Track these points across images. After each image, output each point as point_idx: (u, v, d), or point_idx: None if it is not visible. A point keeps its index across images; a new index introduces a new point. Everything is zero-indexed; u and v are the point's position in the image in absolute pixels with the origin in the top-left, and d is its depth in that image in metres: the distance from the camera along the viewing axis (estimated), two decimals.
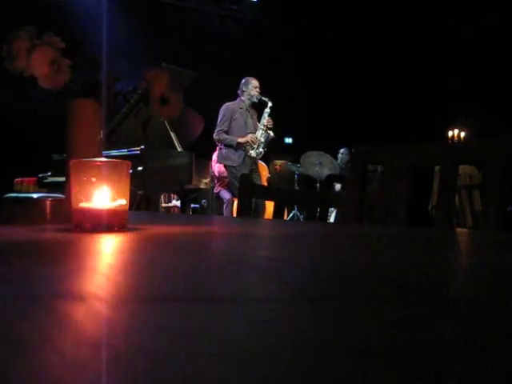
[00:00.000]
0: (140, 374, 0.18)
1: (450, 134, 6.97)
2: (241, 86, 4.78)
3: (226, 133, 4.66)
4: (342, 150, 6.71)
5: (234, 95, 4.84)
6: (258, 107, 4.85)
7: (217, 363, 0.19)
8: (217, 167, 5.18)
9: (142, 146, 3.99)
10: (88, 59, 1.02)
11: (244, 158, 4.64)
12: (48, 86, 0.97)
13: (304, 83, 7.80)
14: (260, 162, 5.19)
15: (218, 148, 4.80)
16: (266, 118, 4.77)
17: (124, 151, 4.02)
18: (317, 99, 7.78)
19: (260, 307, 0.31)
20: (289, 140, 8.54)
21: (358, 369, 0.19)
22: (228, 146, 4.64)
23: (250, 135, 4.66)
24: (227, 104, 4.74)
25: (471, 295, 0.37)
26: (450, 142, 6.44)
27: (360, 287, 0.38)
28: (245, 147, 4.62)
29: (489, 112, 6.38)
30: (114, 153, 3.93)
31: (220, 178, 5.31)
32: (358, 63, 7.60)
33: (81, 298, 0.32)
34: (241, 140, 4.62)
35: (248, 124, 4.70)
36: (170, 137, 4.35)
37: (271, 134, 4.77)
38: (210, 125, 4.77)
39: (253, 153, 4.66)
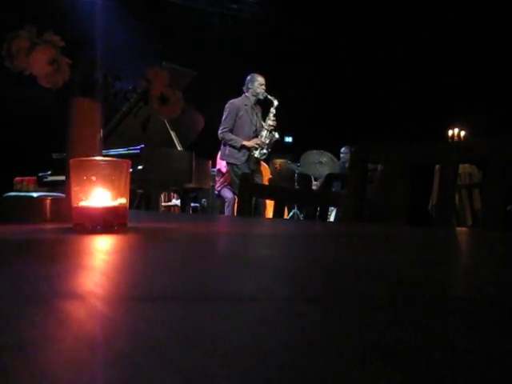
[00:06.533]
0: (140, 374, 0.18)
1: (450, 133, 6.97)
2: (246, 82, 4.73)
3: (231, 130, 4.63)
4: (343, 149, 6.70)
5: (234, 94, 4.82)
6: (264, 104, 4.82)
7: (217, 363, 0.19)
8: (223, 164, 5.15)
9: (142, 145, 3.99)
10: (88, 58, 1.02)
11: (248, 157, 4.62)
12: (48, 85, 0.97)
13: (304, 82, 7.80)
14: (263, 163, 5.17)
15: (222, 145, 4.78)
16: (271, 119, 4.74)
17: (124, 150, 4.02)
18: (317, 98, 7.78)
19: (260, 306, 0.31)
20: (289, 139, 8.53)
21: (358, 368, 0.19)
22: (232, 145, 4.62)
23: (255, 140, 4.63)
24: (232, 101, 4.71)
25: (470, 295, 0.37)
26: (450, 141, 6.44)
27: (360, 286, 0.38)
28: (249, 148, 4.61)
29: (489, 111, 6.38)
30: (114, 152, 3.92)
31: (224, 174, 5.29)
32: (358, 62, 7.60)
33: (80, 296, 0.32)
34: (246, 144, 4.60)
35: (253, 121, 4.68)
36: (170, 136, 4.35)
37: (276, 135, 4.75)
38: (210, 124, 4.76)
39: (257, 153, 4.64)
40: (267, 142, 4.69)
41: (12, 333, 0.23)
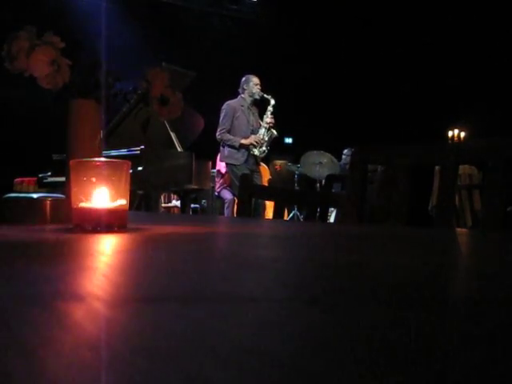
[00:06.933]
0: (140, 374, 0.18)
1: (450, 133, 6.97)
2: (241, 83, 4.75)
3: (229, 131, 4.64)
4: (345, 151, 6.68)
5: (234, 95, 4.83)
6: (260, 104, 4.83)
7: (217, 363, 0.19)
8: (223, 165, 5.15)
9: (142, 146, 3.98)
10: (88, 59, 1.02)
11: (247, 157, 4.63)
12: (48, 86, 0.97)
13: (304, 82, 7.80)
14: (262, 164, 5.17)
15: (221, 146, 4.78)
16: (269, 117, 4.74)
17: (124, 151, 4.01)
18: (317, 99, 7.78)
19: (260, 307, 0.31)
20: (289, 140, 8.53)
21: (358, 368, 0.19)
22: (231, 146, 4.63)
23: (253, 136, 4.63)
24: (228, 102, 4.72)
25: (470, 295, 0.37)
26: (449, 141, 6.44)
27: (360, 287, 0.38)
28: (248, 147, 4.62)
29: (489, 112, 6.38)
30: (114, 153, 3.92)
31: (224, 175, 5.29)
32: (358, 62, 7.60)
33: (80, 297, 0.32)
34: (244, 142, 4.60)
35: (250, 122, 4.68)
36: (170, 137, 4.35)
37: (274, 132, 4.74)
38: (210, 125, 4.76)
39: (256, 151, 4.64)
40: (266, 139, 4.70)
41: (12, 333, 0.23)
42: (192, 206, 5.70)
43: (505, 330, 0.26)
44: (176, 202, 6.18)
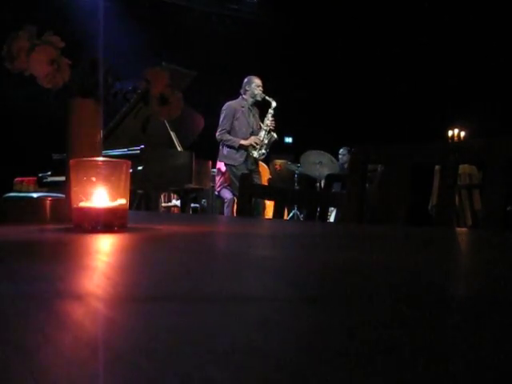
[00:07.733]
0: (140, 374, 0.18)
1: (450, 133, 6.97)
2: (243, 84, 4.74)
3: (229, 132, 4.64)
4: (341, 151, 6.69)
5: (234, 94, 4.82)
6: (261, 105, 4.82)
7: (217, 363, 0.19)
8: (223, 164, 5.15)
9: (142, 146, 3.98)
10: (88, 59, 1.02)
11: (246, 157, 4.63)
12: (48, 86, 0.97)
13: (304, 82, 7.80)
14: (261, 163, 5.16)
15: (220, 146, 4.79)
16: (269, 119, 4.73)
17: (124, 151, 4.01)
18: (317, 98, 7.78)
19: (260, 307, 0.30)
20: (289, 139, 8.53)
21: (358, 368, 0.19)
22: (230, 146, 4.64)
23: (253, 138, 4.63)
24: (229, 103, 4.72)
25: (470, 295, 0.37)
26: (449, 141, 6.44)
27: (360, 287, 0.38)
28: (247, 148, 4.62)
29: (489, 111, 6.38)
30: (114, 152, 3.92)
31: (224, 174, 5.29)
32: (358, 62, 7.60)
33: (80, 297, 0.32)
34: (243, 142, 4.60)
35: (250, 123, 4.68)
36: (170, 136, 4.35)
37: (274, 135, 4.74)
38: (210, 124, 4.76)
39: (255, 153, 4.65)
40: (266, 141, 4.70)
41: (12, 333, 0.23)
42: (192, 205, 5.70)
43: (505, 330, 0.26)
44: (176, 202, 6.18)
